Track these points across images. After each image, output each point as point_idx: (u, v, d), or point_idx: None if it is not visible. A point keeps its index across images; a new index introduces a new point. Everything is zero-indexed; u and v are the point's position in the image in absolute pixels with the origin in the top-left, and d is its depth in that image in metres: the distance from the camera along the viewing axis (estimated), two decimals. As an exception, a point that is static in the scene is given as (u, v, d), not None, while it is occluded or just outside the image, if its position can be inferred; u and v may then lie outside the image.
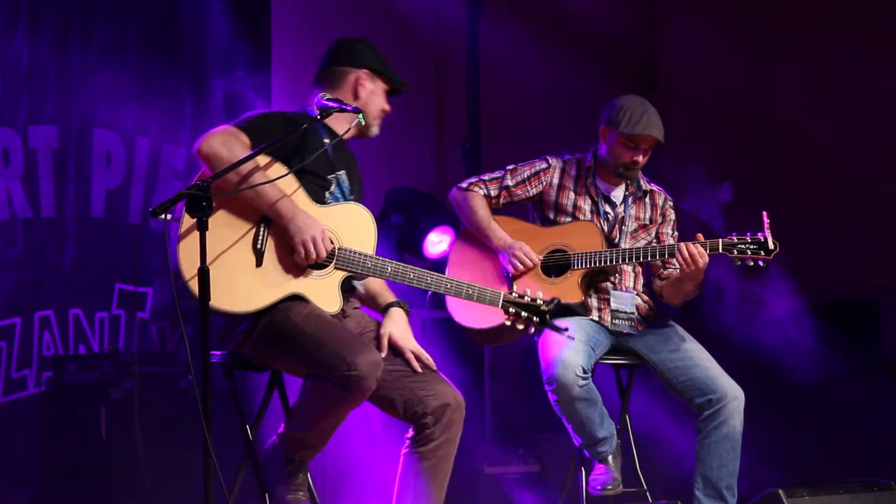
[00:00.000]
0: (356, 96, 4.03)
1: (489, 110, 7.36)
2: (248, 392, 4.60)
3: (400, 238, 6.47)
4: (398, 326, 3.95)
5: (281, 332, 3.74)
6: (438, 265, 4.88)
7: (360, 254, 3.83)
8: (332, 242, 3.80)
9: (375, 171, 6.35)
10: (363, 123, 3.96)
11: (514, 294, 3.88)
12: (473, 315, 4.48)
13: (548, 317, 3.85)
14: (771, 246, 4.31)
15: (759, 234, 4.33)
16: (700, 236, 4.38)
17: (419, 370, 3.88)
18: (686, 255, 4.33)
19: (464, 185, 4.68)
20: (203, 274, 3.44)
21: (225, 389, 3.95)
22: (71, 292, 5.99)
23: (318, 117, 3.90)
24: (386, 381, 3.82)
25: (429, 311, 5.95)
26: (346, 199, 3.98)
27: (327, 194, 3.93)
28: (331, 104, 3.89)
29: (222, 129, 3.80)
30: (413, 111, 7.38)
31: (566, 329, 3.93)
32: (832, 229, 7.07)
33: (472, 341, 4.68)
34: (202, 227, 3.48)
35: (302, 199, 3.83)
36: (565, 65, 7.44)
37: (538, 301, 3.86)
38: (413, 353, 3.91)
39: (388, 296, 4.07)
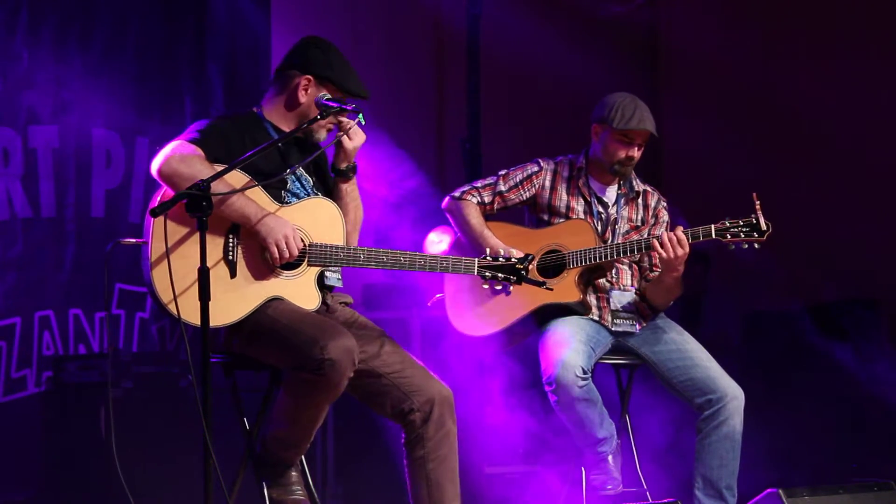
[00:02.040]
0: (297, 101, 3.94)
1: (490, 109, 7.35)
2: (249, 392, 4.59)
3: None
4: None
5: (260, 328, 3.75)
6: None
7: (330, 247, 3.83)
8: (302, 241, 3.80)
9: (375, 171, 6.35)
10: (363, 123, 3.94)
11: (487, 258, 3.90)
12: (472, 322, 4.49)
13: (524, 272, 3.88)
14: (763, 227, 4.30)
15: (751, 216, 4.32)
16: (680, 228, 4.38)
17: None
18: (665, 241, 4.33)
19: (456, 193, 4.69)
20: (203, 274, 3.46)
21: (225, 389, 3.95)
22: (71, 292, 5.99)
23: (318, 117, 3.89)
24: (374, 378, 3.83)
25: (429, 311, 5.96)
26: (307, 194, 3.96)
27: (283, 192, 3.90)
28: (331, 104, 3.88)
29: (176, 147, 3.76)
30: (413, 110, 7.39)
31: (544, 282, 4.03)
32: (833, 225, 7.06)
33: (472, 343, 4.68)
34: (202, 227, 3.49)
35: (265, 201, 3.82)
36: (566, 49, 7.42)
37: (512, 259, 3.89)
38: None
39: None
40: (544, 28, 7.44)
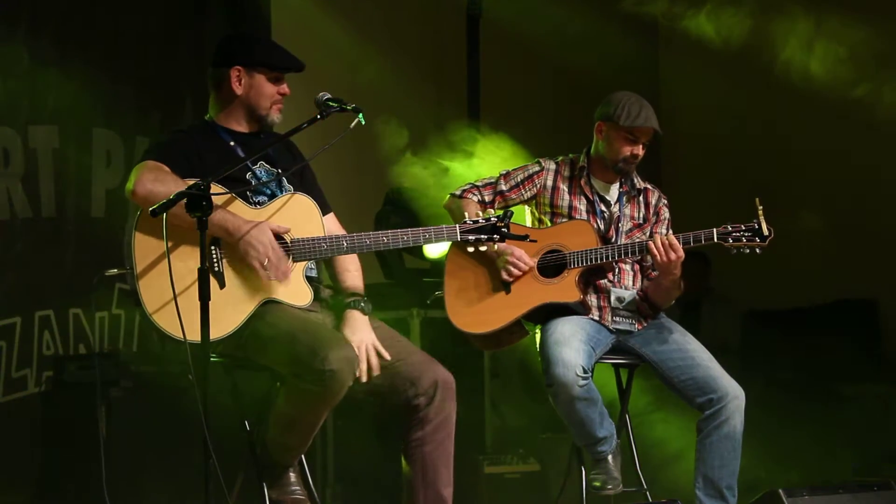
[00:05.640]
0: (233, 94, 3.95)
1: (490, 106, 7.35)
2: (249, 392, 4.61)
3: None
4: (355, 332, 3.87)
5: (259, 337, 3.75)
6: (439, 265, 4.88)
7: (312, 240, 3.83)
8: (284, 240, 3.79)
9: (375, 170, 6.35)
10: (363, 123, 3.93)
11: (467, 222, 3.93)
12: (472, 320, 4.49)
13: (506, 229, 3.91)
14: (765, 232, 4.31)
15: (753, 220, 4.33)
16: (669, 234, 4.39)
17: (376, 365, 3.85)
18: (659, 245, 4.34)
19: (457, 192, 4.69)
20: (203, 274, 3.46)
21: (225, 390, 3.95)
22: (71, 292, 5.99)
23: (318, 117, 3.89)
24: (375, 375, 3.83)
25: (428, 311, 5.96)
26: (272, 192, 3.96)
27: (249, 194, 3.90)
28: (332, 104, 3.87)
29: (144, 169, 3.77)
30: (412, 107, 7.38)
31: (527, 236, 4.08)
32: (833, 225, 7.06)
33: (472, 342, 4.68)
34: (202, 227, 3.49)
35: (239, 207, 3.82)
36: (566, 38, 7.41)
37: (491, 219, 3.92)
38: (374, 348, 3.86)
39: (348, 283, 4.04)
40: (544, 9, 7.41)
